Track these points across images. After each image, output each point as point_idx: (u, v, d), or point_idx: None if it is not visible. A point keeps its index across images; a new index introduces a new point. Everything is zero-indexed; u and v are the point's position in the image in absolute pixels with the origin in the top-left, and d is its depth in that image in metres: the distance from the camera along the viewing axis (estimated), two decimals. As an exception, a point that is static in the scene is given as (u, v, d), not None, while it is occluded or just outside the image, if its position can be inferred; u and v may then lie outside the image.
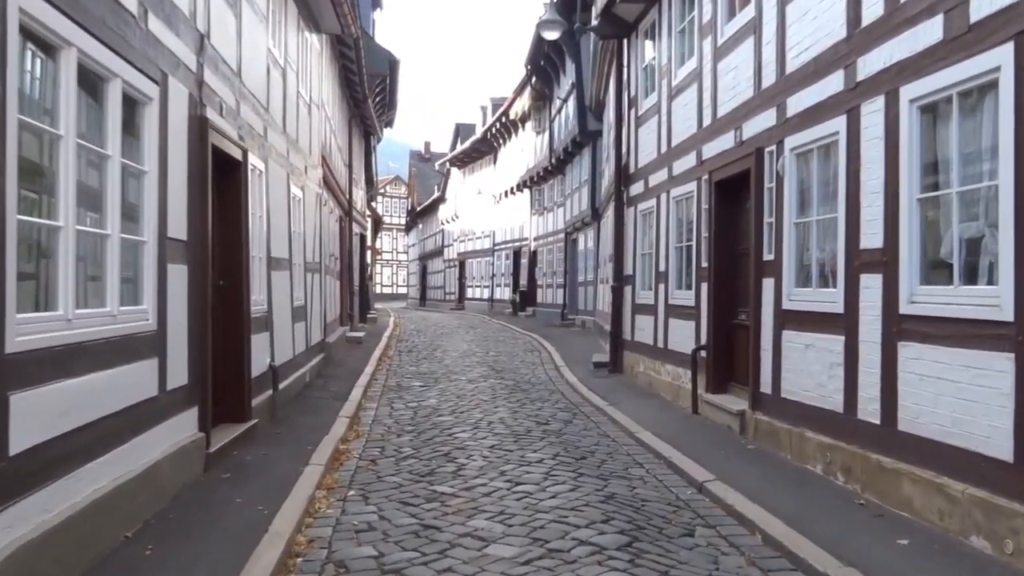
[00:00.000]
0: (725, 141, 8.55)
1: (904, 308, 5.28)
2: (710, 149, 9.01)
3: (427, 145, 66.27)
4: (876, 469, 5.49)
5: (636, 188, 12.37)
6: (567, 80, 24.67)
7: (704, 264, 9.21)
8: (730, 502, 5.71)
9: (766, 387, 7.39)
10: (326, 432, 8.05)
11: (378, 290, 72.91)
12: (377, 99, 26.19)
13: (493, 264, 38.87)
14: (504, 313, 34.18)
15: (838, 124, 6.16)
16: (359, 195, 25.01)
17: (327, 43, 14.85)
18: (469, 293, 43.47)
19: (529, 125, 31.72)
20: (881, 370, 5.52)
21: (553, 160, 27.21)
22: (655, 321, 11.09)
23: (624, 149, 13.02)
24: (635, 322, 12.23)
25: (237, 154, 7.38)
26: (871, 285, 5.69)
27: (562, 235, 27.77)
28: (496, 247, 38.39)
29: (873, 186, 5.68)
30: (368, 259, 35.32)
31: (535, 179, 30.82)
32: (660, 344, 10.84)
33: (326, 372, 12.69)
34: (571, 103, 23.83)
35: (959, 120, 4.87)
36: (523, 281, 33.71)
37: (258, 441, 7.44)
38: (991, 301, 4.51)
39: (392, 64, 25.19)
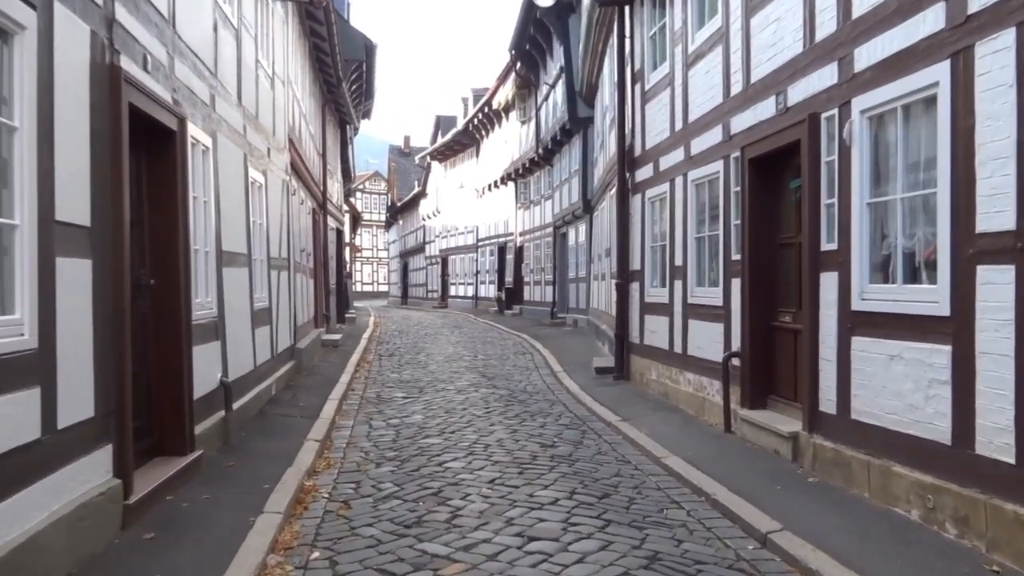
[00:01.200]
0: (763, 110, 7.18)
1: (1055, 310, 3.93)
2: (742, 121, 7.65)
3: (407, 139, 64.53)
4: (1014, 524, 4.13)
5: (643, 173, 11.00)
6: (554, 65, 23.27)
7: (735, 256, 7.85)
8: (813, 566, 4.34)
9: (828, 405, 6.03)
10: (290, 462, 6.62)
11: (358, 288, 71.38)
12: (353, 87, 24.77)
13: (477, 260, 37.43)
14: (489, 311, 32.78)
15: (937, 72, 4.80)
16: (335, 188, 23.50)
17: (294, 15, 13.36)
18: (452, 291, 42.02)
19: (513, 115, 30.29)
20: (1016, 392, 4.17)
21: (540, 150, 25.81)
22: (670, 322, 9.72)
23: (628, 130, 11.64)
24: (644, 323, 10.86)
25: (171, 122, 5.92)
26: (995, 280, 4.34)
27: (550, 229, 26.39)
28: (480, 243, 36.95)
29: (996, 149, 4.33)
30: (346, 256, 33.77)
31: (520, 171, 29.42)
32: (678, 349, 9.47)
33: (296, 383, 11.22)
34: (559, 89, 22.44)
35: None
36: (509, 278, 32.31)
37: (201, 479, 5.98)
38: None
39: (368, 49, 23.71)
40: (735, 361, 7.73)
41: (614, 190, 14.59)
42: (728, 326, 8.00)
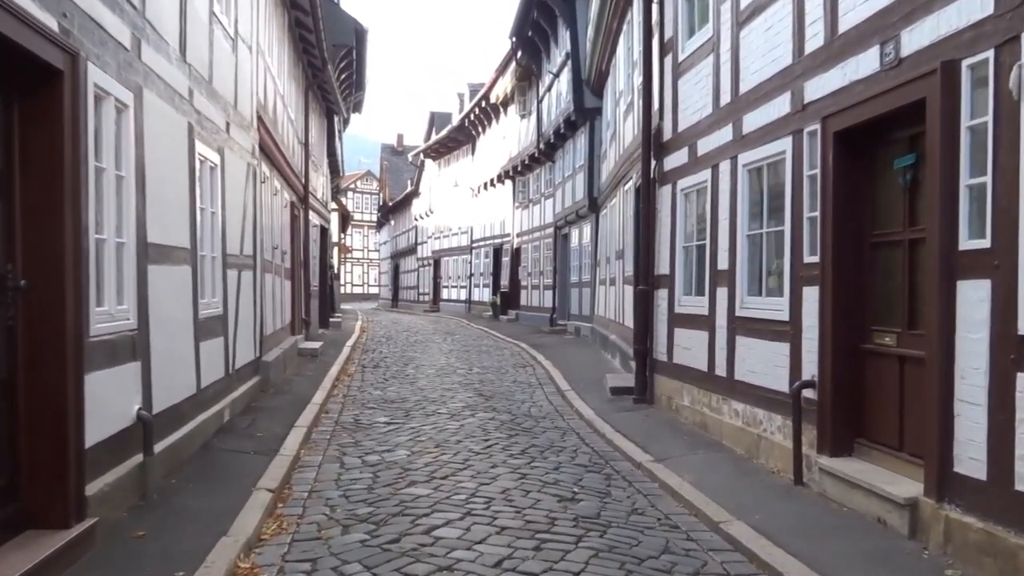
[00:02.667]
0: (858, 66, 5.48)
1: None
2: (823, 84, 5.95)
3: (400, 138, 62.83)
4: None
5: (675, 159, 9.30)
6: (559, 51, 21.60)
7: (809, 258, 6.15)
8: None
9: (970, 467, 4.32)
10: (225, 528, 4.89)
11: (348, 290, 69.67)
12: (343, 76, 23.14)
13: (471, 263, 35.71)
14: (483, 316, 31.07)
15: None
16: (321, 182, 21.76)
17: (269, -24, 11.64)
18: (444, 294, 40.30)
19: (512, 109, 28.61)
20: None
21: (541, 145, 24.11)
22: (710, 338, 8.02)
23: (655, 110, 9.94)
24: (674, 338, 9.15)
25: (55, 58, 4.19)
26: None
27: (550, 230, 24.70)
28: (474, 244, 35.23)
29: None
30: (333, 256, 32.06)
31: (519, 168, 27.72)
32: (720, 371, 7.77)
33: (259, 404, 9.46)
34: (564, 77, 20.77)
35: None
36: (504, 281, 30.62)
37: (89, 565, 4.23)
38: None
39: (359, 34, 22.10)
40: (809, 392, 6.03)
41: (630, 183, 12.93)
42: (797, 346, 6.30)
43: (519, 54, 24.31)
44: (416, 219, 46.70)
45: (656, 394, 9.71)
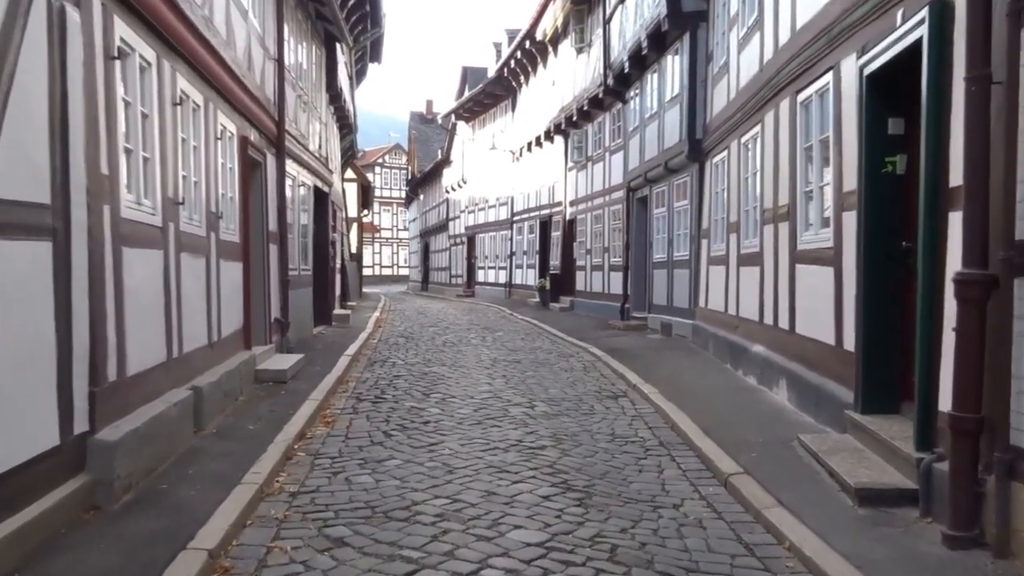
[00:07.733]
0: None
1: None
2: None
3: (429, 104, 57.01)
4: None
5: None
6: (639, -57, 15.69)
7: None
8: None
9: None
10: None
11: (377, 272, 64.59)
12: (351, 3, 17.58)
13: (511, 239, 30.06)
14: (528, 303, 25.46)
15: None
16: (317, 130, 16.09)
17: None
18: (480, 276, 34.75)
19: (565, 45, 22.81)
20: None
21: (610, 81, 18.25)
22: None
23: None
24: None
25: None
26: None
27: (620, 193, 18.91)
28: (516, 217, 29.56)
29: None
30: (346, 231, 26.56)
31: (574, 119, 21.93)
32: None
33: (44, 568, 3.88)
34: (649, -24, 14.85)
35: None
36: (555, 261, 24.95)
37: None
38: None
39: (365, -64, 16.52)
40: None
41: (822, 82, 7.16)
42: None
43: (579, -41, 18.40)
44: (447, 191, 41.09)
45: (1018, 532, 3.94)
